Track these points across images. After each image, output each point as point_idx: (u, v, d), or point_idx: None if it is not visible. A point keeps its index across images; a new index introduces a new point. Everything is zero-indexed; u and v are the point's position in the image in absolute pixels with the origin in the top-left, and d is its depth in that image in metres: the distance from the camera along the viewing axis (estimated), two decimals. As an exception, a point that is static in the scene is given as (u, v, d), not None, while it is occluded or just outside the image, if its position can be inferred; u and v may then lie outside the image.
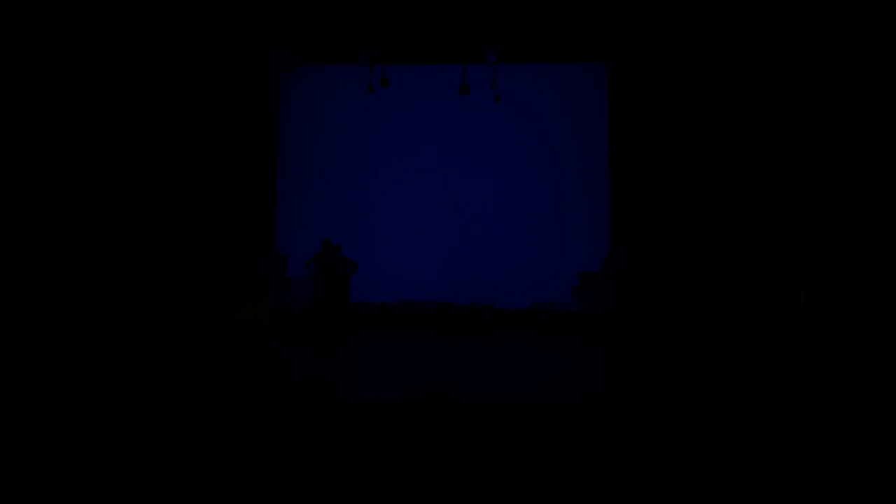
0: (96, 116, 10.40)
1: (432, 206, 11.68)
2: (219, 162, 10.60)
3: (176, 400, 5.00)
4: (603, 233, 11.02)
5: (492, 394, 5.40)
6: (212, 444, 3.92)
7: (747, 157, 9.84)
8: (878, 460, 3.69)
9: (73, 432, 4.10)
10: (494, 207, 11.63)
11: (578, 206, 11.37)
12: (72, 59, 10.23)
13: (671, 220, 10.09)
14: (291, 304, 10.63)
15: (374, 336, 9.25)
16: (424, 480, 3.34)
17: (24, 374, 6.02)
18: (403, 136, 11.81)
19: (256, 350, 7.87)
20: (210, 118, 10.63)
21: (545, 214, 11.48)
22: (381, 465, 3.55)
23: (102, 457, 3.62)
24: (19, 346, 7.66)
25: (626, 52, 10.49)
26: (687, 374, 6.30)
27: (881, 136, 9.10)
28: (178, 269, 10.21)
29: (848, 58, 9.28)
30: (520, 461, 3.63)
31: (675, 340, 8.51)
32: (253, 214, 10.81)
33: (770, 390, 5.49)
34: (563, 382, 6.04)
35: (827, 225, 9.29)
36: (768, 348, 7.86)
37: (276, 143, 11.60)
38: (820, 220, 9.35)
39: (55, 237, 9.92)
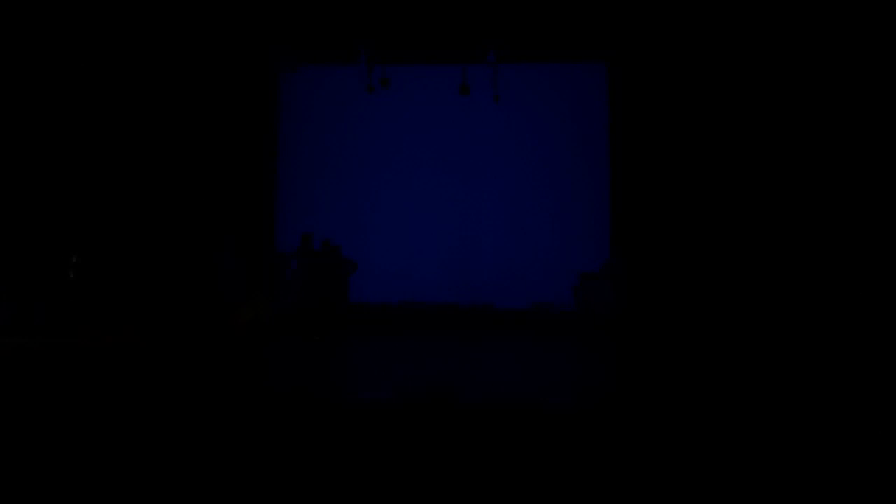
0: (95, 117, 10.39)
1: (432, 206, 11.66)
2: (218, 162, 10.61)
3: (176, 400, 4.99)
4: (603, 233, 11.01)
5: (492, 394, 5.40)
6: (212, 444, 3.92)
7: (748, 156, 9.83)
8: (882, 467, 3.69)
9: (75, 430, 4.10)
10: (494, 207, 11.60)
11: (578, 206, 11.34)
12: (71, 59, 10.22)
13: (672, 219, 10.08)
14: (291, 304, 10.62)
15: (374, 336, 9.24)
16: (424, 481, 3.34)
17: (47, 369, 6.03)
18: (403, 136, 11.78)
19: (256, 350, 7.87)
20: (210, 118, 10.64)
21: (545, 214, 11.45)
22: (380, 466, 3.54)
23: (103, 455, 3.62)
24: (36, 344, 7.67)
25: (626, 52, 10.49)
26: (687, 375, 6.30)
27: (885, 142, 9.08)
28: (178, 270, 10.21)
29: (848, 58, 9.27)
30: (519, 462, 3.63)
31: (676, 341, 8.50)
32: (253, 215, 10.81)
33: (769, 392, 5.49)
34: (563, 383, 6.04)
35: (825, 227, 9.27)
36: (769, 350, 7.85)
37: (275, 143, 11.60)
38: (816, 222, 9.33)
39: (54, 236, 9.91)
